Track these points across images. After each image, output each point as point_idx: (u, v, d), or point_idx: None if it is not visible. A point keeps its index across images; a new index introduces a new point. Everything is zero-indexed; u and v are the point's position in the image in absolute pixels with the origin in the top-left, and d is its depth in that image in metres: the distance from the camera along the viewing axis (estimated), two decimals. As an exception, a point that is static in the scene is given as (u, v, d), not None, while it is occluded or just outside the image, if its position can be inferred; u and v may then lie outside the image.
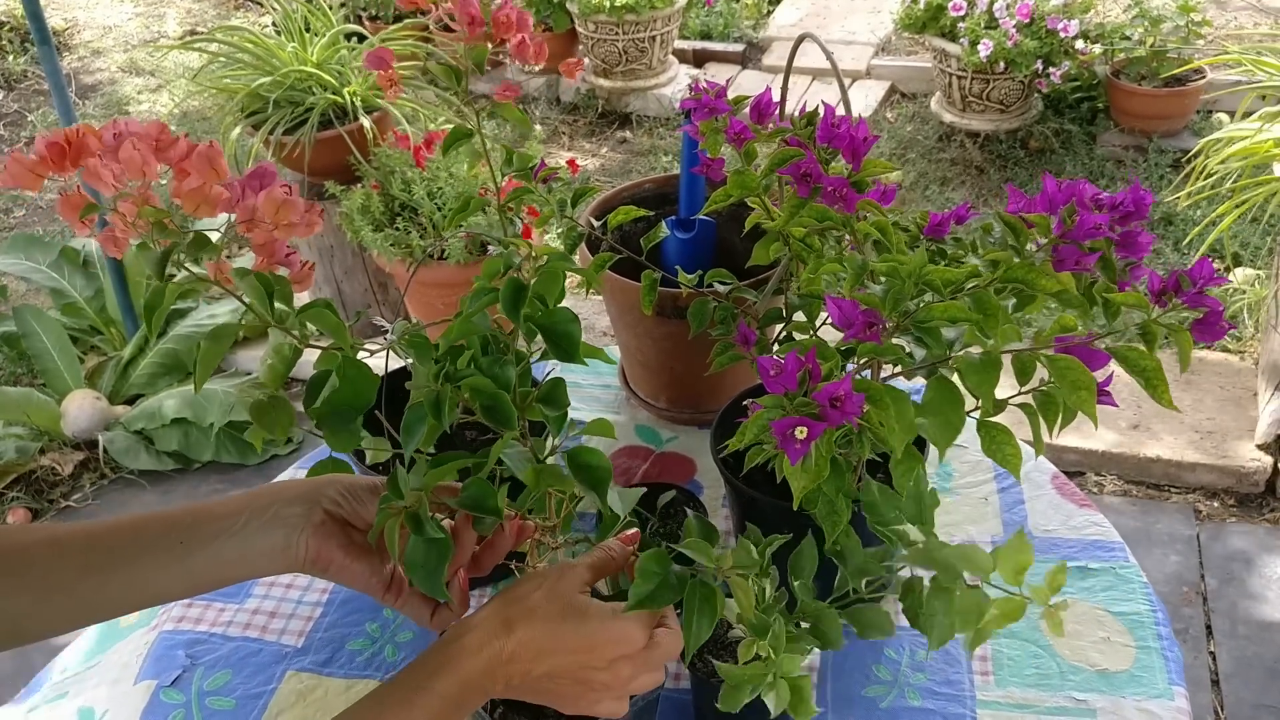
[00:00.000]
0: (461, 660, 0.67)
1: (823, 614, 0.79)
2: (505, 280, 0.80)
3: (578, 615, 0.69)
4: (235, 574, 0.76)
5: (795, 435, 0.61)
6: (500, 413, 0.73)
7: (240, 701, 0.97)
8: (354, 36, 2.79)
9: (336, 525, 0.77)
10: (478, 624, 0.69)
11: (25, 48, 4.87)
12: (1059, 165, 3.40)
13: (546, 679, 0.70)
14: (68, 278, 2.95)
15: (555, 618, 0.69)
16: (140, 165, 0.64)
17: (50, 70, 2.50)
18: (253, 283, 0.69)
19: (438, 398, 0.71)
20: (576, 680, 0.70)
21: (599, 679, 0.70)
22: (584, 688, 0.70)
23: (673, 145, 3.82)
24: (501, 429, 0.73)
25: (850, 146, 0.73)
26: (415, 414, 0.72)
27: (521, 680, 0.69)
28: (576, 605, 0.70)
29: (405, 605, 0.79)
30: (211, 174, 0.66)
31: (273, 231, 0.68)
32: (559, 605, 0.70)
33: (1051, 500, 1.15)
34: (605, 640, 0.69)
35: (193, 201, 0.65)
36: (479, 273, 0.86)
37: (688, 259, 1.19)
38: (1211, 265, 0.75)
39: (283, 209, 0.68)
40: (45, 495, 2.53)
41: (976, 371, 0.68)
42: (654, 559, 0.70)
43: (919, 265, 0.67)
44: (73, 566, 0.71)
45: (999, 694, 0.94)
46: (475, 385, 0.73)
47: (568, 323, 0.80)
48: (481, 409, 0.73)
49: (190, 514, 0.75)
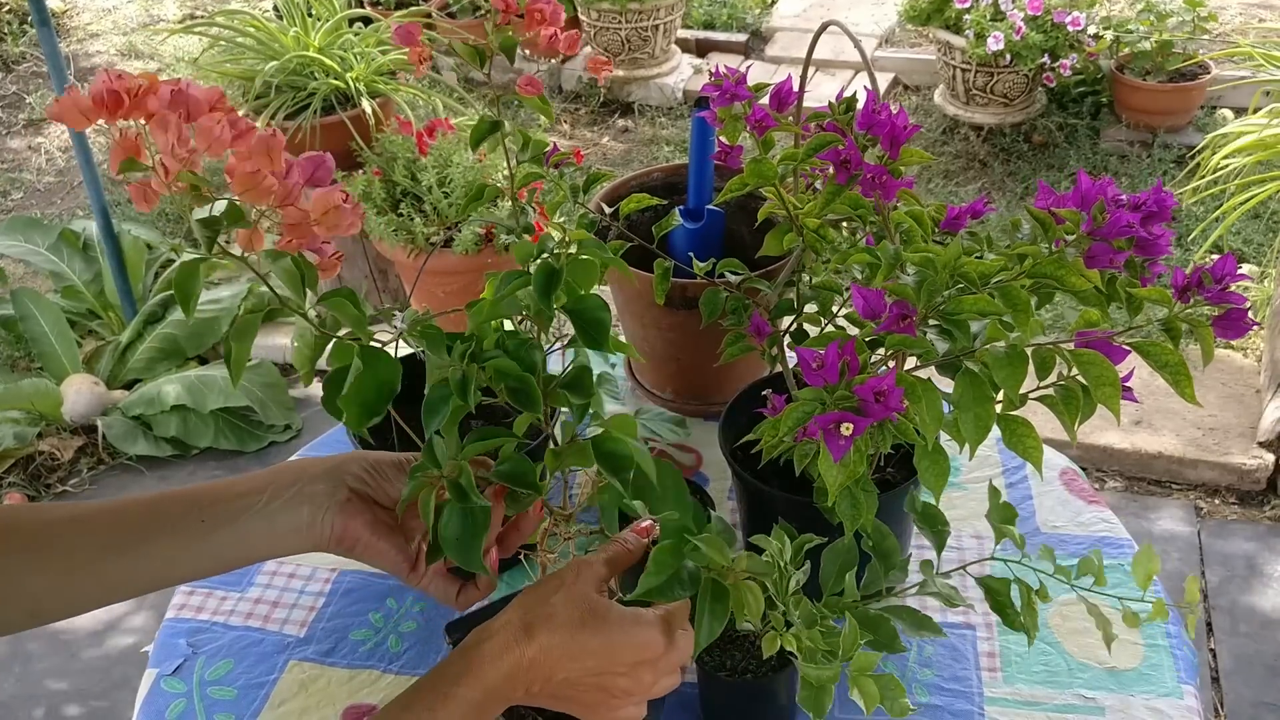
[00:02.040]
0: (484, 667, 0.66)
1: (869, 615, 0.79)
2: (539, 265, 0.79)
3: (598, 620, 0.68)
4: (259, 552, 0.75)
5: (840, 431, 0.60)
6: (527, 395, 0.73)
7: (242, 691, 0.96)
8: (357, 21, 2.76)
9: (362, 502, 0.76)
10: (498, 630, 0.68)
11: (24, 30, 4.84)
12: (1063, 160, 3.39)
13: (567, 685, 0.69)
14: (67, 260, 2.93)
15: (575, 623, 0.68)
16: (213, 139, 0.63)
17: (50, 52, 2.48)
18: (288, 267, 0.67)
19: (464, 378, 0.70)
20: (598, 687, 0.69)
21: (620, 685, 0.69)
22: (605, 694, 0.70)
23: (675, 135, 3.80)
24: (527, 411, 0.73)
25: (890, 134, 0.72)
26: (438, 393, 0.71)
27: (542, 687, 0.68)
28: (597, 610, 0.69)
29: (430, 584, 0.78)
30: (267, 161, 0.65)
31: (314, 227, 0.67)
32: (579, 610, 0.68)
33: (1060, 496, 1.14)
34: (626, 646, 0.68)
35: (244, 185, 0.63)
36: (483, 262, 0.85)
37: (696, 249, 1.18)
38: (1234, 261, 0.74)
39: (332, 213, 0.67)
40: (43, 480, 2.52)
41: (1004, 366, 0.67)
42: (669, 551, 0.70)
43: (954, 256, 0.66)
44: (95, 544, 0.70)
45: (1007, 690, 0.94)
46: (501, 367, 0.72)
47: (598, 310, 0.79)
48: (507, 390, 0.72)
49: (212, 492, 0.74)
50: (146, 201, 0.65)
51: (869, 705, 0.74)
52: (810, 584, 0.84)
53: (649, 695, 0.71)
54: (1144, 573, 0.85)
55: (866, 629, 0.80)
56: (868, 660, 0.76)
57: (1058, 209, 0.75)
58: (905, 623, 0.83)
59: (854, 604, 0.82)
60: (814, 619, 0.78)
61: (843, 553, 0.86)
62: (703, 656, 0.88)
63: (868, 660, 0.76)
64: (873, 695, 0.75)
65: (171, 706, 0.95)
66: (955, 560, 1.06)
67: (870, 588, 0.86)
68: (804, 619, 0.78)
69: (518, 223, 0.98)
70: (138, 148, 0.65)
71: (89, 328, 2.88)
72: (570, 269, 0.79)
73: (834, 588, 0.85)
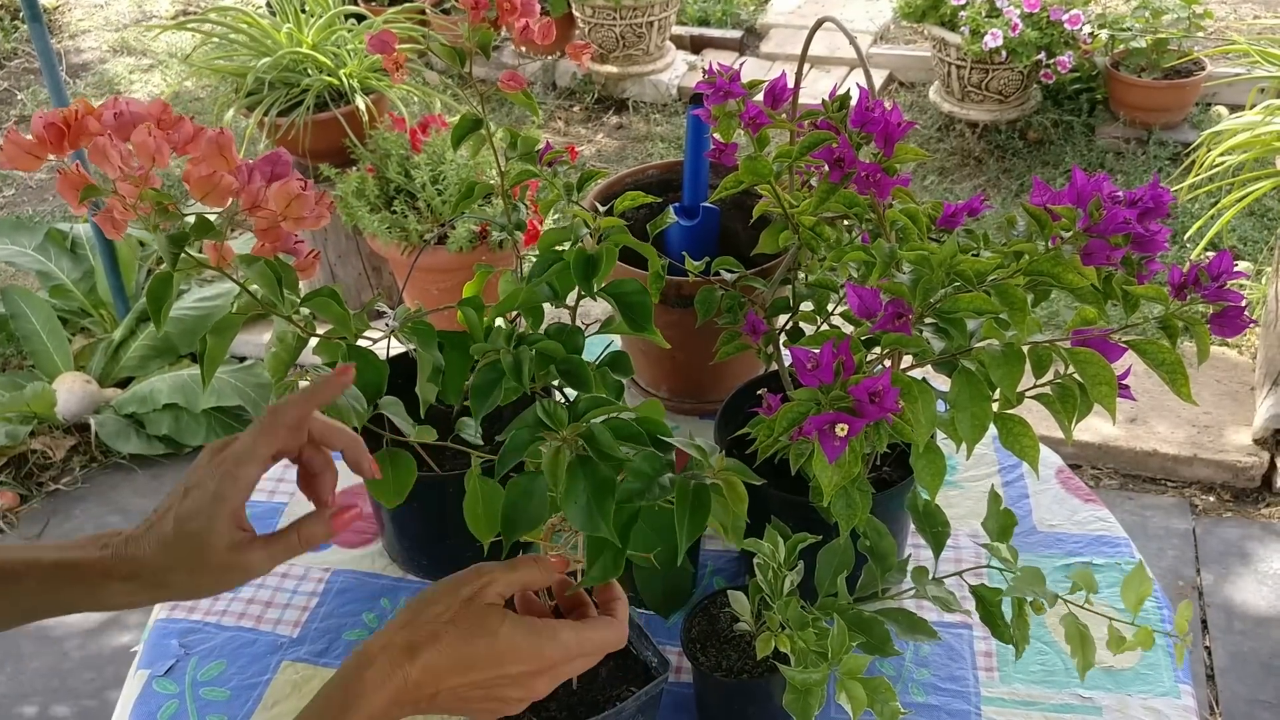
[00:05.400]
0: (367, 695, 0.64)
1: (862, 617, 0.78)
2: (574, 251, 0.80)
3: (487, 634, 0.66)
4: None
5: (835, 432, 0.60)
6: (578, 376, 0.74)
7: (235, 692, 0.95)
8: (350, 18, 2.75)
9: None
10: (379, 652, 0.66)
11: (15, 25, 4.81)
12: (1058, 156, 3.38)
13: (454, 697, 0.67)
14: (55, 260, 2.91)
15: (461, 640, 0.66)
16: (152, 151, 0.62)
17: (42, 48, 2.46)
18: (262, 270, 0.67)
19: (516, 360, 0.71)
20: (488, 696, 0.67)
21: (512, 695, 0.68)
22: (498, 702, 0.68)
23: (669, 132, 3.79)
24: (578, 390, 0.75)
25: (884, 131, 0.71)
26: (487, 377, 0.71)
27: (430, 703, 0.67)
28: (487, 623, 0.66)
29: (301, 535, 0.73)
30: (221, 161, 0.64)
31: (281, 222, 0.66)
32: (466, 625, 0.66)
33: (1056, 494, 1.14)
34: (516, 658, 0.66)
35: (202, 189, 0.63)
36: (476, 259, 0.85)
37: (691, 246, 1.18)
38: (1231, 258, 0.74)
39: (295, 203, 0.66)
40: (35, 479, 2.51)
41: (1000, 365, 0.67)
42: (647, 460, 0.66)
43: (949, 254, 0.66)
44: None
45: (1004, 690, 0.93)
46: (547, 349, 0.73)
47: (640, 293, 0.80)
48: (559, 372, 0.74)
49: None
50: (116, 229, 0.64)
51: (856, 710, 0.73)
52: (806, 584, 0.83)
53: (543, 696, 0.69)
54: (1135, 596, 0.84)
55: (859, 631, 0.80)
56: (856, 663, 0.75)
57: (1054, 205, 0.74)
58: (899, 625, 0.83)
59: (846, 606, 0.81)
60: (804, 621, 0.78)
61: (838, 553, 0.85)
62: (698, 657, 0.88)
63: (856, 663, 0.75)
64: (860, 700, 0.74)
65: (164, 708, 0.94)
66: (951, 559, 1.05)
67: (866, 589, 0.85)
68: (794, 621, 0.78)
69: (509, 220, 0.97)
70: (82, 178, 0.65)
71: (80, 325, 2.87)
72: (607, 255, 0.80)
73: (829, 588, 0.84)
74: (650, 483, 0.65)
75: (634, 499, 0.64)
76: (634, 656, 0.87)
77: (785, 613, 0.79)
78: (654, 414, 0.69)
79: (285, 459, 0.72)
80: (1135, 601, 0.85)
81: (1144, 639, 0.82)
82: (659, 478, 0.65)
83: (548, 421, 0.64)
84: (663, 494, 0.65)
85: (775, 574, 0.82)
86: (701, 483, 0.65)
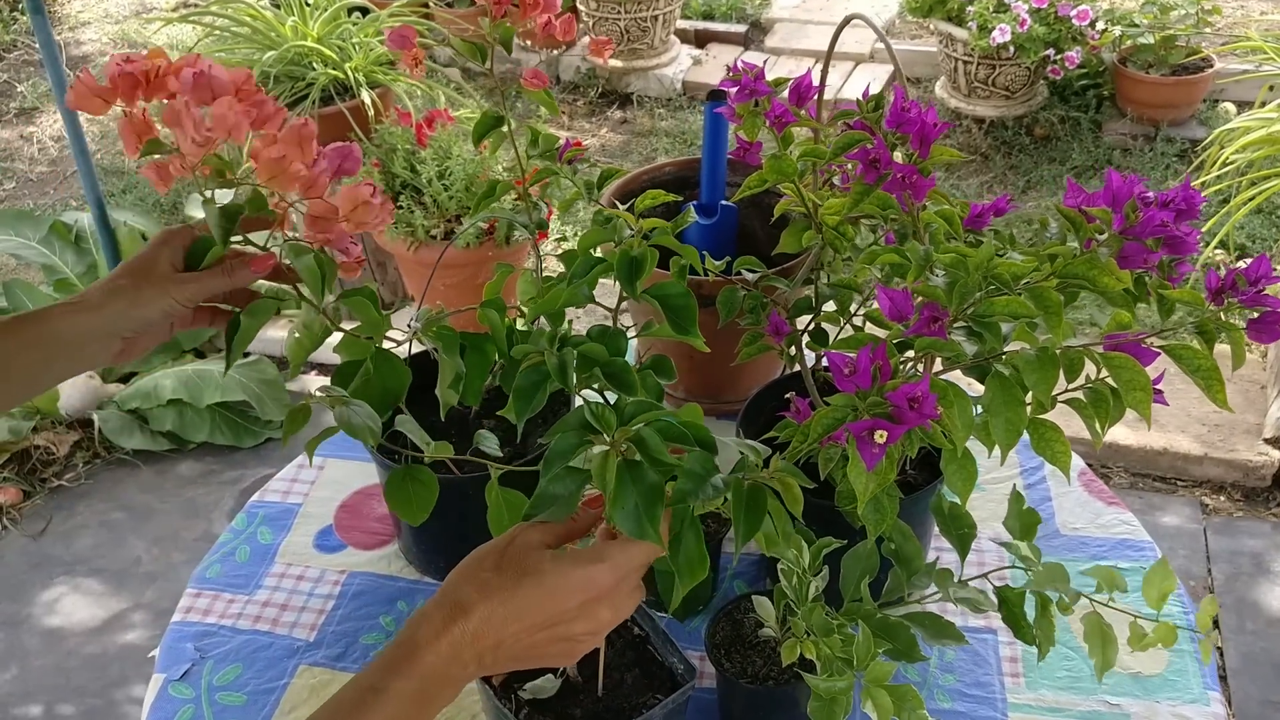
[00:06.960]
0: (417, 655, 0.64)
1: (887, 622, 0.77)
2: (618, 253, 0.79)
3: (535, 575, 0.66)
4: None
5: (874, 439, 0.59)
6: (622, 379, 0.73)
7: (251, 697, 0.94)
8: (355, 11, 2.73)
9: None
10: (431, 612, 0.66)
11: (14, 17, 4.79)
12: (1065, 153, 3.37)
13: (522, 645, 0.67)
14: (59, 253, 2.89)
15: (511, 584, 0.66)
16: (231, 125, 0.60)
17: (44, 40, 2.44)
18: (310, 264, 0.65)
19: (562, 363, 0.71)
20: (556, 637, 0.67)
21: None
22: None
23: (673, 127, 3.77)
24: (621, 393, 0.73)
25: (920, 132, 0.70)
26: (530, 378, 0.70)
27: (495, 655, 0.66)
28: (529, 566, 0.67)
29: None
30: (298, 152, 0.62)
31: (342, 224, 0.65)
32: (512, 572, 0.66)
33: (1079, 498, 1.12)
34: (569, 590, 0.66)
35: (270, 171, 0.61)
36: (484, 255, 0.85)
37: (709, 245, 1.16)
38: (1269, 263, 0.73)
39: (361, 209, 0.65)
40: (38, 475, 2.49)
41: (1035, 369, 0.66)
42: (700, 459, 0.65)
43: (987, 257, 0.65)
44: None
45: (1030, 697, 0.92)
46: (590, 351, 0.73)
47: (685, 296, 0.79)
48: (603, 374, 0.73)
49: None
50: (164, 182, 0.63)
51: (882, 717, 0.72)
52: (830, 588, 0.82)
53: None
54: (1157, 592, 0.83)
55: (884, 637, 0.78)
56: (882, 670, 0.74)
57: (1088, 207, 0.73)
58: (926, 630, 0.82)
59: (872, 611, 0.80)
60: (829, 628, 0.76)
61: (863, 558, 0.84)
62: (723, 662, 0.87)
63: (882, 670, 0.74)
64: (886, 708, 0.73)
65: (180, 713, 0.93)
66: (974, 562, 1.04)
67: (892, 593, 0.84)
68: (819, 627, 0.77)
69: (530, 219, 0.96)
70: (150, 127, 0.63)
71: (84, 320, 2.85)
72: (650, 257, 0.78)
73: (855, 594, 0.83)
74: (703, 483, 0.64)
75: (686, 499, 0.64)
76: (659, 663, 0.86)
77: (810, 619, 0.78)
78: (694, 418, 0.68)
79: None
80: (1158, 597, 0.83)
81: (1166, 636, 0.81)
82: (710, 478, 0.64)
83: (595, 424, 0.63)
84: (716, 494, 0.64)
85: (800, 579, 0.81)
86: (756, 483, 0.64)
